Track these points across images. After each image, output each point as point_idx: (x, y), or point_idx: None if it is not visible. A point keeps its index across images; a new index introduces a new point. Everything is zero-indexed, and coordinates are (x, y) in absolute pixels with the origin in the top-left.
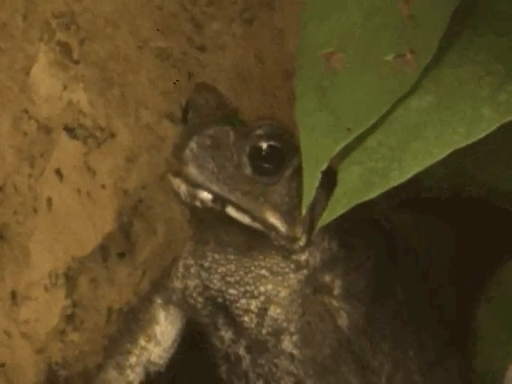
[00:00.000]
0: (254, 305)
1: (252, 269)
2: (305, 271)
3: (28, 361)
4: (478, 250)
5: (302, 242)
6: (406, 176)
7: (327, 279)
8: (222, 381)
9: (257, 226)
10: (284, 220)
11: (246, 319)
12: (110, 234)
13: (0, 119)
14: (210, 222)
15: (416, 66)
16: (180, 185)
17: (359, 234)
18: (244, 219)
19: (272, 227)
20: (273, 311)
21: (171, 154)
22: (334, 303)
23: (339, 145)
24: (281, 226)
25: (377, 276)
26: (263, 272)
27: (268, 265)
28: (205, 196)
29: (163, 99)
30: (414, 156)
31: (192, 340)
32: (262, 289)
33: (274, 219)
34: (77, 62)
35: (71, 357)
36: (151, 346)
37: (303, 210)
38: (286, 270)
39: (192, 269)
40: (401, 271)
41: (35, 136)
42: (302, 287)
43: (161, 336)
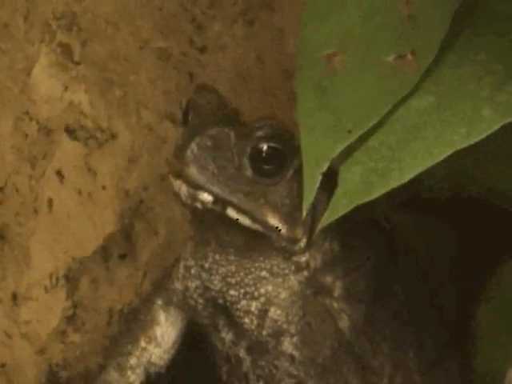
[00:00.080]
0: (255, 306)
1: (252, 270)
2: (305, 272)
3: (28, 362)
4: (478, 250)
5: (303, 244)
6: (407, 177)
7: (328, 280)
8: (222, 382)
9: (257, 228)
10: (285, 221)
11: (247, 321)
12: (111, 235)
13: (1, 120)
14: (211, 223)
15: (417, 67)
16: (181, 186)
17: (360, 235)
18: (244, 220)
19: (273, 228)
20: (273, 312)
21: (172, 155)
22: (335, 305)
23: (340, 145)
24: (281, 228)
25: (377, 276)
26: (264, 273)
27: (268, 266)
28: (205, 197)
29: (164, 100)
30: (415, 156)
31: (192, 341)
32: (263, 290)
33: (275, 220)
34: (78, 63)
35: (72, 358)
36: (152, 347)
37: (304, 212)
38: (287, 272)
39: (193, 270)
40: (401, 271)
41: (36, 137)
42: (303, 288)
43: (161, 337)
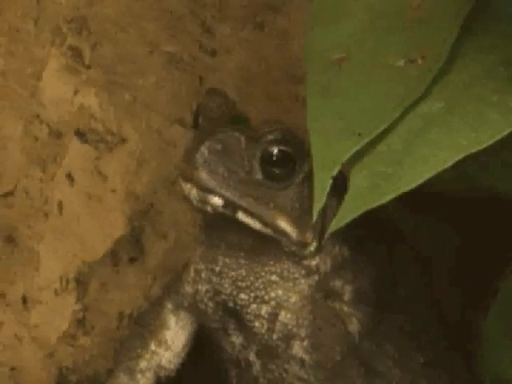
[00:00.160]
0: (265, 310)
1: (262, 274)
2: (315, 277)
3: (38, 365)
4: (480, 251)
5: (313, 248)
6: (417, 182)
7: (337, 284)
8: None
9: (267, 232)
10: (295, 225)
11: (257, 324)
12: (121, 239)
13: (11, 123)
14: (221, 227)
15: (426, 72)
16: (191, 190)
17: (367, 238)
18: (255, 224)
19: (283, 233)
20: (283, 316)
21: (182, 159)
22: (345, 308)
23: (350, 150)
24: (291, 232)
25: (381, 278)
26: (274, 277)
27: (279, 270)
28: (216, 201)
29: (173, 104)
30: (424, 161)
31: (201, 344)
32: (273, 294)
33: (285, 224)
34: (88, 67)
35: (81, 361)
36: (162, 351)
37: (314, 216)
38: (297, 276)
39: (203, 273)
40: (401, 271)
41: (46, 140)
42: (313, 292)
43: (171, 341)
